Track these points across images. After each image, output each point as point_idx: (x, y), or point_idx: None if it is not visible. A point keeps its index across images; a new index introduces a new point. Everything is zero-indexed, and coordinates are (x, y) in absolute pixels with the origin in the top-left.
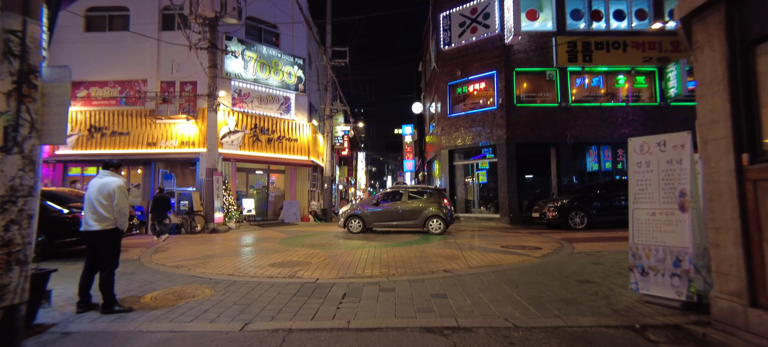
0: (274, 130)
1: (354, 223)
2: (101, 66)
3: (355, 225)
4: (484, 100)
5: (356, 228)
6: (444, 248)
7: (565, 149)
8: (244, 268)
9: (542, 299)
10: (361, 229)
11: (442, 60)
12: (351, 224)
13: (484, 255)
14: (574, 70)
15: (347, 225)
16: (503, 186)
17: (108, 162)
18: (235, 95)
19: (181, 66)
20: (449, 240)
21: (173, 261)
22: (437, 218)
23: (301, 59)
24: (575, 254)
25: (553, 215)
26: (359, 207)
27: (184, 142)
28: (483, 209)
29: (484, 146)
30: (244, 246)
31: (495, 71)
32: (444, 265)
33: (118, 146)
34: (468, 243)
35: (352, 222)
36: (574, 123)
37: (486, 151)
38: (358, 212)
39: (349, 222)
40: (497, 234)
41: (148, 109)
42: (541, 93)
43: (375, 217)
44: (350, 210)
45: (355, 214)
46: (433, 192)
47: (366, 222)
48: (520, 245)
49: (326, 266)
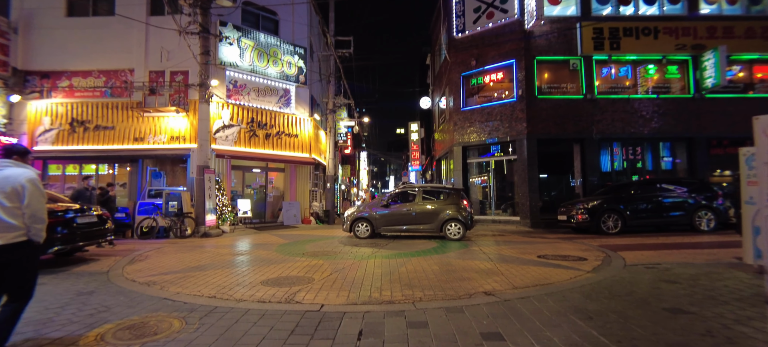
0: (272, 125)
1: (361, 227)
2: (84, 54)
3: (363, 229)
4: (502, 92)
5: (364, 232)
6: (471, 258)
7: (590, 145)
8: (231, 287)
9: (640, 344)
10: (368, 234)
11: (455, 49)
12: (358, 228)
13: (523, 269)
14: (600, 59)
15: (353, 230)
16: (523, 185)
17: (9, 148)
18: (229, 86)
19: (171, 54)
20: (473, 249)
21: (147, 275)
22: (456, 222)
23: (303, 48)
24: (632, 268)
25: (583, 218)
26: (367, 209)
27: (175, 137)
28: (499, 211)
29: (501, 142)
30: (236, 254)
31: (514, 60)
32: (481, 284)
33: (102, 141)
34: (496, 252)
35: (358, 226)
36: (600, 116)
37: (497, 147)
38: (366, 214)
39: (355, 226)
40: (524, 240)
41: (135, 100)
42: (564, 84)
43: (384, 220)
44: (356, 212)
45: (362, 217)
46: (450, 193)
47: (374, 226)
48: (559, 254)
49: (332, 284)
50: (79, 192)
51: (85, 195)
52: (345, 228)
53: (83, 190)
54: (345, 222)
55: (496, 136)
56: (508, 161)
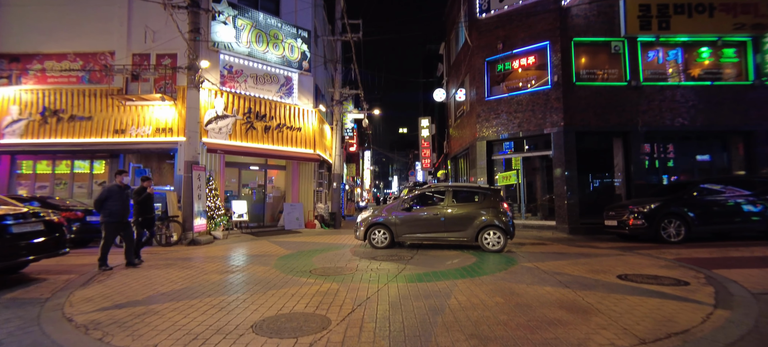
0: (272, 117)
1: (378, 235)
2: (59, 34)
3: (380, 237)
4: (533, 79)
5: (381, 241)
6: (535, 282)
7: (635, 139)
8: (206, 339)
9: None
10: (387, 243)
11: (478, 31)
12: (374, 236)
13: (621, 301)
14: (647, 41)
15: (369, 238)
16: (559, 185)
17: None
18: (224, 72)
19: (157, 35)
20: (525, 264)
21: (94, 310)
22: (495, 229)
23: (306, 31)
24: (765, 297)
25: (638, 223)
26: (384, 212)
27: (161, 129)
28: (529, 214)
29: (533, 136)
30: (226, 271)
31: (548, 42)
32: (585, 332)
33: (78, 133)
34: (558, 270)
35: (375, 234)
36: (647, 106)
37: (527, 142)
38: (382, 219)
39: (371, 233)
40: (577, 252)
41: (116, 87)
42: (604, 69)
43: (406, 227)
44: (372, 216)
45: (378, 223)
46: (488, 194)
47: (394, 234)
48: (644, 274)
49: (360, 332)
50: (109, 191)
51: (118, 195)
52: (358, 236)
53: (114, 188)
54: (358, 228)
55: (528, 129)
56: (542, 157)
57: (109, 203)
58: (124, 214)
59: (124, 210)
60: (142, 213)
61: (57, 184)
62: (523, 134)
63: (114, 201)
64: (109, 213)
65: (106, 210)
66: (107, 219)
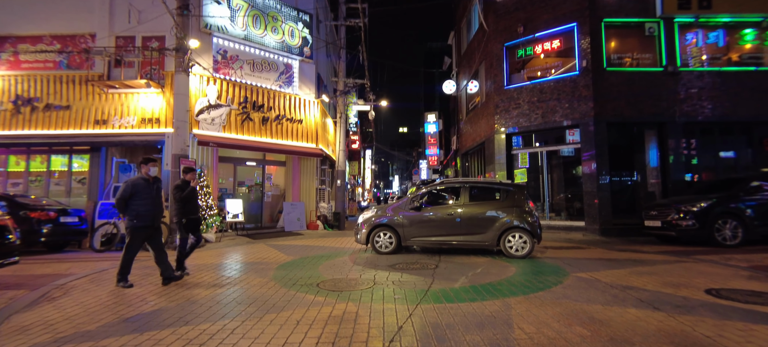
0: (271, 107)
1: (383, 238)
2: (34, 15)
3: (385, 240)
4: (558, 65)
5: (386, 245)
6: (613, 302)
7: (673, 130)
8: None
9: None
10: (393, 247)
11: (495, 14)
12: (378, 239)
13: (748, 332)
14: (685, 22)
15: (373, 241)
16: (590, 182)
17: None
18: (217, 57)
19: (143, 15)
20: (578, 275)
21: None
22: (520, 232)
23: (308, 15)
24: None
25: (688, 224)
26: (389, 212)
27: (147, 120)
28: (553, 214)
29: (559, 127)
30: (212, 285)
31: (575, 23)
32: None
33: (54, 124)
34: (626, 284)
35: (380, 236)
36: (685, 94)
37: (553, 134)
38: (386, 220)
39: (374, 236)
40: (627, 259)
41: (97, 73)
42: (637, 54)
43: (416, 229)
44: (375, 217)
45: (381, 224)
46: (510, 190)
47: (401, 236)
48: (732, 289)
49: None
50: (134, 186)
51: (146, 191)
52: (359, 239)
53: (140, 182)
54: (359, 231)
55: (552, 120)
56: (568, 151)
57: (136, 202)
58: (156, 216)
59: (156, 211)
60: (186, 214)
61: (32, 181)
62: (547, 126)
63: (141, 199)
64: (136, 215)
65: (132, 212)
66: (134, 222)
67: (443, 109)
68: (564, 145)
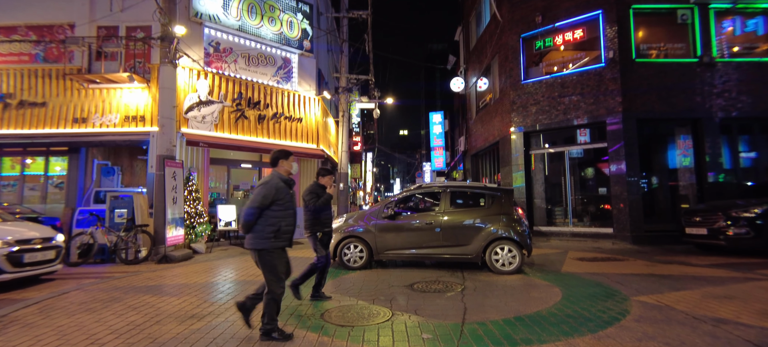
0: (268, 104)
1: (352, 250)
2: (7, 3)
3: (355, 254)
4: (581, 57)
5: (356, 259)
6: (709, 345)
7: (710, 127)
8: None
9: None
10: (363, 261)
11: (511, 4)
12: (347, 251)
13: None
14: (721, 9)
15: (341, 254)
16: (619, 185)
17: None
18: (209, 49)
19: (126, 2)
20: (641, 299)
21: None
22: (508, 243)
23: (308, 5)
24: None
25: (741, 232)
26: (361, 221)
27: (131, 117)
28: (576, 220)
29: (582, 125)
30: (191, 316)
31: (600, 10)
32: None
33: (29, 123)
34: (713, 315)
35: (349, 249)
36: (722, 87)
37: (576, 132)
38: (360, 229)
39: (343, 248)
40: (683, 274)
41: (76, 66)
42: (668, 43)
43: (390, 239)
44: (345, 225)
45: (353, 234)
46: (496, 196)
47: (373, 249)
48: None
49: None
50: (276, 190)
51: (289, 197)
52: None
53: (282, 186)
54: None
55: (575, 116)
56: (594, 151)
57: (275, 212)
58: (293, 231)
59: (294, 224)
60: (321, 226)
61: (4, 186)
62: (569, 122)
63: (282, 207)
64: (275, 233)
65: (270, 226)
66: (272, 242)
67: (447, 109)
68: (588, 143)
